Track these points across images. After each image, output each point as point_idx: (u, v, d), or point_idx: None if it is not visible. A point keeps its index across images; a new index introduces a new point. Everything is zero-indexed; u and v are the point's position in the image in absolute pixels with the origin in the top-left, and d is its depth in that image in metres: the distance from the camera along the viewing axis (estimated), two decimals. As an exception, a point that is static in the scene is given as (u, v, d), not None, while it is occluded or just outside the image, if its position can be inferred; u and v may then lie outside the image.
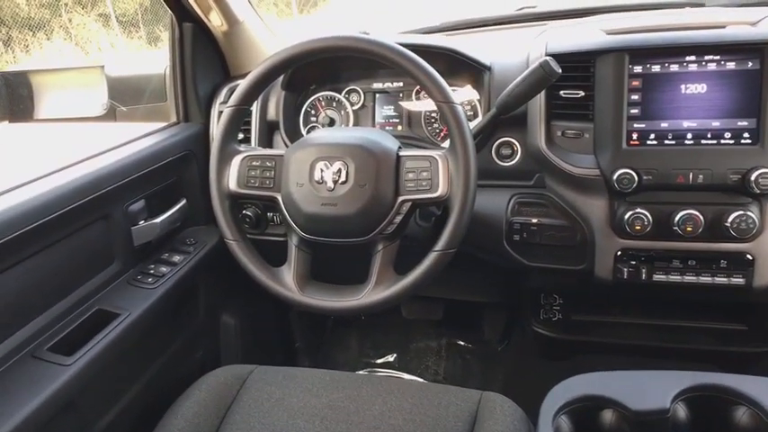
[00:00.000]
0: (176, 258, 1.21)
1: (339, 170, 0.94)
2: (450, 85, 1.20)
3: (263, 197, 1.01)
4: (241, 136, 1.28)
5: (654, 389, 0.79)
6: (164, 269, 1.16)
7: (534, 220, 1.10)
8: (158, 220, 1.17)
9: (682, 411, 0.79)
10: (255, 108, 1.27)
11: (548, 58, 0.95)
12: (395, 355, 1.76)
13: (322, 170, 0.95)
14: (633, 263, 1.04)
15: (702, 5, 1.38)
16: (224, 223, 1.00)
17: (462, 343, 1.74)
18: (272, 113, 1.27)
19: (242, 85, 0.98)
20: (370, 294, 0.95)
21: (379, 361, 1.77)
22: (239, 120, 1.01)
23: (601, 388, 0.81)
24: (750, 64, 0.95)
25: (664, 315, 1.25)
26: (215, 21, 1.23)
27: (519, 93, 0.99)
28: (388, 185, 0.93)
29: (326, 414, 0.98)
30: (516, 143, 1.14)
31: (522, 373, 1.58)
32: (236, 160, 1.00)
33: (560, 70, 0.95)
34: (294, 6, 10.53)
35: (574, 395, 0.81)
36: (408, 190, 0.93)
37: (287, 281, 0.99)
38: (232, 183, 0.99)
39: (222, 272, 1.34)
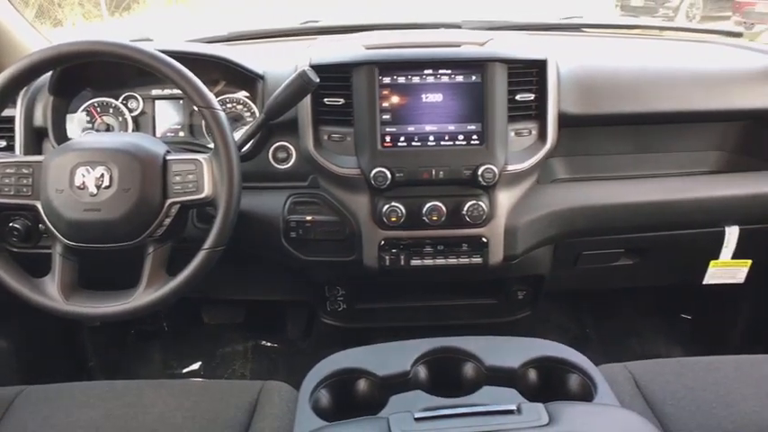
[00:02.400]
0: None
1: (102, 175, 0.94)
2: (226, 93, 1.27)
3: (20, 205, 0.97)
4: (3, 144, 1.20)
5: (397, 356, 0.91)
6: None
7: (309, 218, 1.19)
8: None
9: (422, 372, 0.92)
10: (19, 114, 1.20)
11: (306, 68, 1.04)
12: (200, 362, 1.75)
13: (83, 175, 0.94)
14: (394, 251, 1.17)
15: (459, 27, 1.59)
16: None
17: (268, 344, 1.79)
18: (38, 120, 1.21)
19: None
20: (141, 297, 0.96)
21: (184, 371, 1.75)
22: None
23: (354, 361, 0.91)
24: (474, 77, 1.14)
25: (436, 297, 1.42)
26: (-41, 20, 1.15)
27: (282, 100, 1.06)
28: (155, 189, 0.96)
29: (102, 424, 0.96)
30: (291, 147, 1.22)
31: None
32: None
33: (318, 80, 1.05)
34: (104, 8, 9.78)
35: (331, 370, 0.90)
36: (176, 192, 0.97)
37: (50, 291, 0.96)
38: None
39: None
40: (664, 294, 1.78)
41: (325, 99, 1.16)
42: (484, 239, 1.17)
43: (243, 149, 1.15)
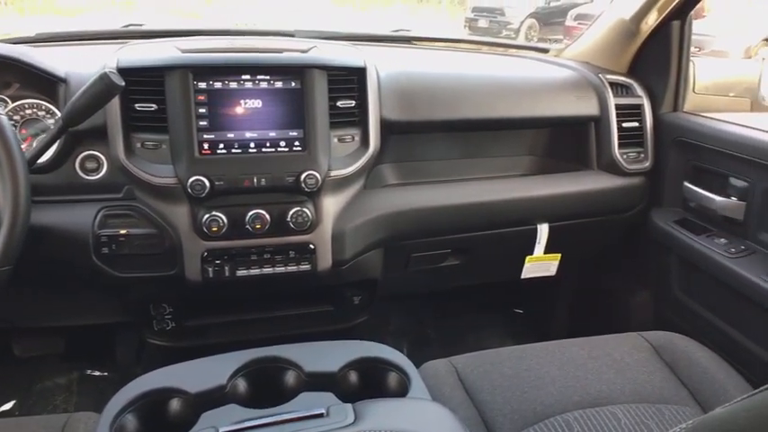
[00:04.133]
0: None
1: None
2: (22, 97, 1.15)
3: None
4: None
5: (213, 371, 0.87)
6: None
7: (123, 231, 1.11)
8: None
9: (241, 385, 0.89)
10: None
11: (107, 70, 0.97)
12: (13, 401, 1.56)
13: None
14: (218, 262, 1.13)
15: (292, 36, 1.58)
16: None
17: (96, 373, 1.64)
18: None
19: None
20: None
21: (-7, 413, 1.55)
22: None
23: (166, 380, 0.86)
24: (294, 84, 1.13)
25: (271, 308, 1.39)
26: None
27: (82, 104, 0.98)
28: None
29: None
30: (101, 156, 1.13)
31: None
32: None
33: (123, 83, 0.98)
34: None
35: (138, 392, 0.84)
36: None
37: None
38: None
39: None
40: (498, 291, 1.91)
41: (137, 105, 1.09)
42: (311, 246, 1.17)
43: (41, 159, 1.05)
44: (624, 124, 1.42)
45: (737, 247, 1.25)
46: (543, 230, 1.40)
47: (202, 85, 1.09)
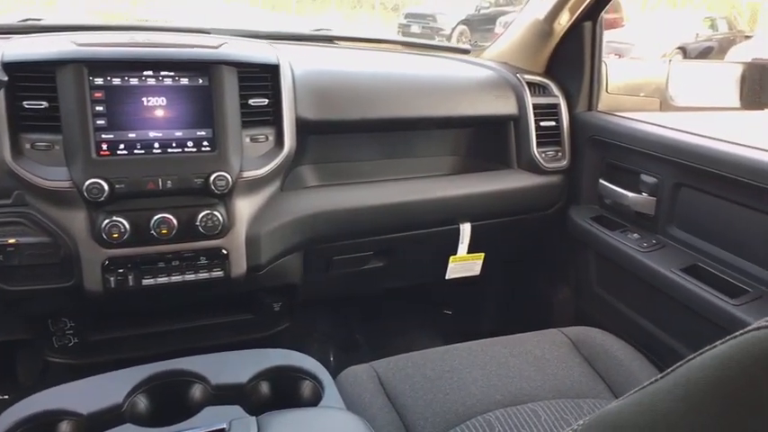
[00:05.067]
0: None
1: None
2: None
3: None
4: None
5: (108, 389, 0.81)
6: None
7: (11, 241, 1.01)
8: None
9: (141, 403, 0.82)
10: None
11: None
12: None
13: None
14: (121, 271, 1.05)
15: (208, 33, 1.51)
16: None
17: (-6, 396, 1.50)
18: None
19: None
20: None
21: None
22: None
23: (53, 401, 0.79)
24: (201, 80, 1.07)
25: (187, 318, 1.31)
26: None
27: None
28: None
29: None
30: None
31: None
32: None
33: (6, 78, 0.90)
34: None
35: (20, 417, 0.76)
36: None
37: None
38: None
39: None
40: (427, 292, 1.89)
41: (25, 102, 1.00)
42: (223, 251, 1.11)
43: None
44: (542, 123, 1.44)
45: (649, 242, 1.29)
46: (466, 230, 1.40)
47: (99, 81, 1.02)
